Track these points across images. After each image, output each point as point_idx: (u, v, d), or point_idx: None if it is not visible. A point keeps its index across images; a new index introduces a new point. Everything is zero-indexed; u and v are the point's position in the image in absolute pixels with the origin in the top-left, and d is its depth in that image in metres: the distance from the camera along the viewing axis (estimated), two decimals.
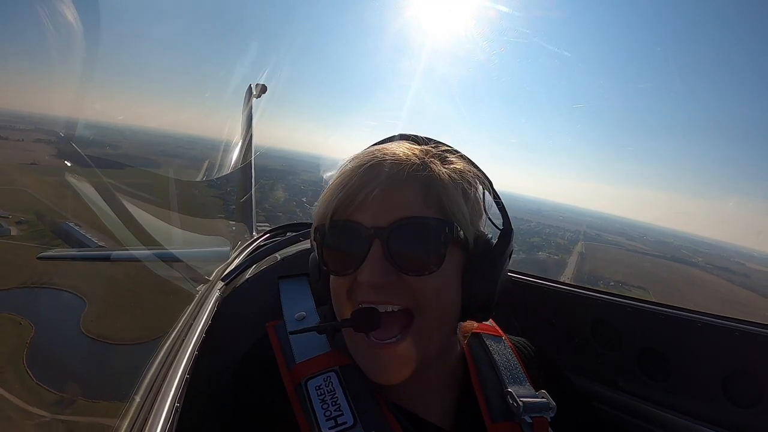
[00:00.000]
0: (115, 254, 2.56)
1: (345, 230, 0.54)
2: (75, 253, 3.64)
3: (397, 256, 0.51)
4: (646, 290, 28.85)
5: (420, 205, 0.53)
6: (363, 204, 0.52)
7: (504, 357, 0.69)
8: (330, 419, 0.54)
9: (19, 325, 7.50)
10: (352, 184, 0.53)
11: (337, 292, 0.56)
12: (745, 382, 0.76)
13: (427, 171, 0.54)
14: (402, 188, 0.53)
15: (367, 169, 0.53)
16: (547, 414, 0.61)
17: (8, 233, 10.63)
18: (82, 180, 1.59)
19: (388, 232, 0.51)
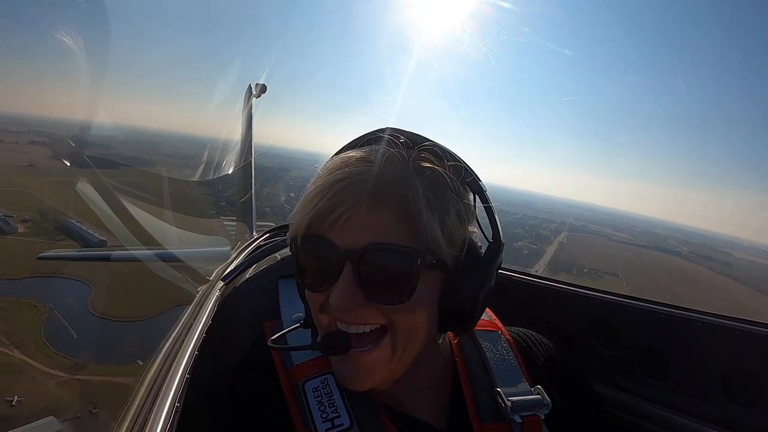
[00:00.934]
0: (116, 254, 2.57)
1: (318, 247, 0.51)
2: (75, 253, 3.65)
3: (367, 283, 0.50)
4: (619, 277, 28.95)
5: (394, 228, 0.50)
6: (335, 223, 0.49)
7: (498, 354, 0.68)
8: (327, 421, 0.54)
9: (35, 307, 8.81)
10: (326, 200, 0.50)
11: (312, 304, 0.56)
12: (746, 380, 0.76)
13: (404, 190, 0.50)
14: (376, 208, 0.49)
15: (342, 185, 0.50)
16: (541, 411, 0.60)
17: (16, 230, 11.64)
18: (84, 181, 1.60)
19: (359, 256, 0.49)
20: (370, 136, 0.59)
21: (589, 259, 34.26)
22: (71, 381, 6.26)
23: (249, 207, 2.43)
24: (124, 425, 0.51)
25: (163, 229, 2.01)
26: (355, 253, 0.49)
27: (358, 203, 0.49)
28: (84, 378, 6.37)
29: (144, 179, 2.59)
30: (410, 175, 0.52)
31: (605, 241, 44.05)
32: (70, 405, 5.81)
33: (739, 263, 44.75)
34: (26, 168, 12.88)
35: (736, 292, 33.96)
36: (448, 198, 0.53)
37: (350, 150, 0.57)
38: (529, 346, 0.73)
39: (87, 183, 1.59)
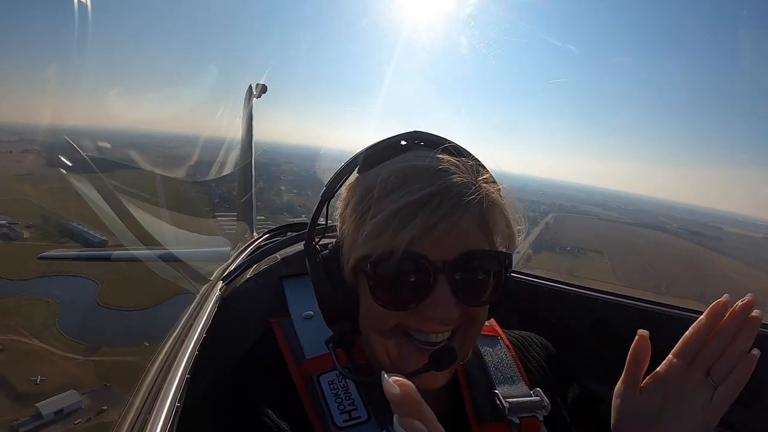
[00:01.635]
0: (116, 254, 2.59)
1: (409, 265, 0.51)
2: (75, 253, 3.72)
3: (462, 290, 0.51)
4: (602, 253, 29.29)
5: (478, 236, 0.53)
6: (433, 239, 0.50)
7: (497, 357, 0.69)
8: (344, 413, 0.54)
9: (47, 303, 9.72)
10: (427, 216, 0.49)
11: (385, 323, 0.54)
12: None
13: (485, 200, 0.53)
14: (465, 219, 0.51)
15: (440, 197, 0.50)
16: (539, 413, 0.61)
17: (21, 236, 12.23)
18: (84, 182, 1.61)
19: (453, 267, 0.51)
20: (409, 137, 0.59)
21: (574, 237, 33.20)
22: (86, 362, 7.25)
23: (249, 207, 2.44)
24: (125, 425, 0.52)
25: (163, 229, 2.03)
26: (449, 264, 0.50)
27: (453, 217, 0.50)
28: (97, 359, 7.43)
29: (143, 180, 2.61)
30: (484, 185, 0.54)
31: (593, 220, 44.06)
32: (86, 381, 6.72)
33: (729, 237, 45.17)
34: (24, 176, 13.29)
35: (721, 264, 34.12)
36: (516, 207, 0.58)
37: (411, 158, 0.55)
38: (528, 350, 0.74)
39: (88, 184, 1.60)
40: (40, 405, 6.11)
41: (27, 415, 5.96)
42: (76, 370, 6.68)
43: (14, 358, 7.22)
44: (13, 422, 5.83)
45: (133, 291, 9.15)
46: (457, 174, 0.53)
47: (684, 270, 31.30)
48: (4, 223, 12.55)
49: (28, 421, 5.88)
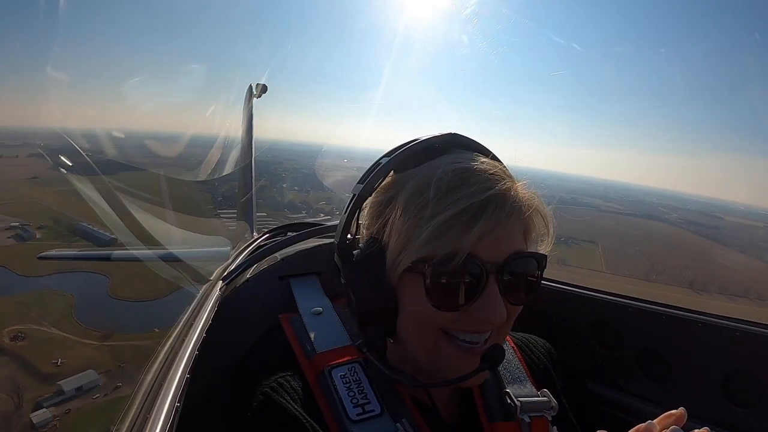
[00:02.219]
0: (116, 254, 2.64)
1: (466, 266, 0.51)
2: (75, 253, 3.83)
3: (510, 291, 0.54)
4: (596, 243, 29.73)
5: (519, 237, 0.55)
6: (488, 242, 0.52)
7: (504, 358, 0.68)
8: (357, 406, 0.54)
9: (63, 296, 10.41)
10: (487, 219, 0.51)
11: (431, 322, 0.54)
12: (745, 382, 0.76)
13: (526, 204, 0.55)
14: (513, 223, 0.54)
15: (499, 201, 0.52)
16: (548, 413, 0.61)
17: (34, 237, 12.75)
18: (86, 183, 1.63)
19: (502, 268, 0.53)
20: (443, 140, 0.60)
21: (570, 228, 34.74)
22: (101, 346, 8.09)
23: (249, 207, 2.45)
24: (125, 425, 0.52)
25: (163, 228, 2.05)
26: (499, 266, 0.52)
27: (509, 220, 0.52)
28: (111, 344, 8.21)
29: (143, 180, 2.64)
30: (525, 191, 0.57)
31: (592, 212, 43.27)
32: (102, 363, 7.54)
33: (729, 226, 45.11)
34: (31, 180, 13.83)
35: (716, 253, 34.08)
36: (546, 209, 0.60)
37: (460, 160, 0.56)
38: (531, 351, 0.74)
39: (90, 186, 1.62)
40: (62, 382, 6.96)
41: (50, 392, 6.86)
42: (93, 354, 7.55)
43: (36, 344, 7.98)
44: (38, 398, 6.69)
45: (142, 284, 9.39)
46: (507, 180, 0.55)
47: (677, 259, 31.14)
48: (18, 225, 13.08)
49: (51, 397, 6.77)
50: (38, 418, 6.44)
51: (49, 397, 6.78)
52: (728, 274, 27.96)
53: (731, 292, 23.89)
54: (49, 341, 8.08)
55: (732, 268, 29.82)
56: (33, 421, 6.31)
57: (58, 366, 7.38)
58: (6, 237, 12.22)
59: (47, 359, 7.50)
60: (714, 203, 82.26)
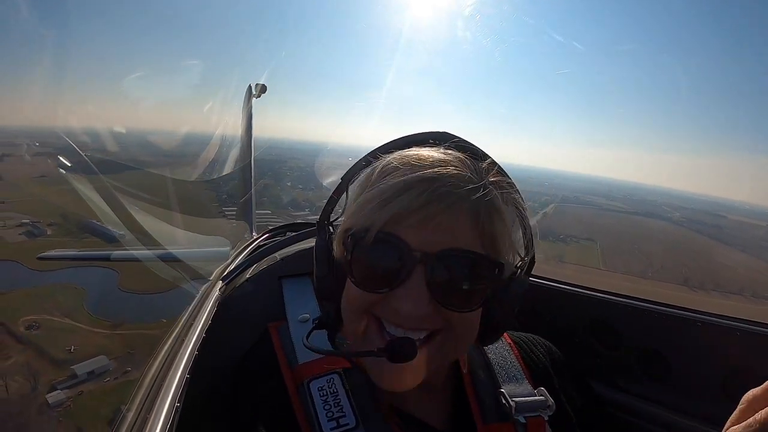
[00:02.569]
0: (116, 254, 2.69)
1: (388, 246, 0.48)
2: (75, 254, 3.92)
3: (438, 288, 0.48)
4: (594, 241, 30.01)
5: (470, 236, 0.49)
6: (416, 224, 0.47)
7: (500, 356, 0.68)
8: (332, 420, 0.54)
9: (75, 289, 10.99)
10: (411, 198, 0.47)
11: (357, 303, 0.53)
12: (745, 381, 0.75)
13: (486, 201, 0.49)
14: (457, 214, 0.48)
15: (427, 183, 0.47)
16: (544, 413, 0.61)
17: (45, 233, 13.31)
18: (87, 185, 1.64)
19: (434, 260, 0.47)
20: (428, 137, 0.57)
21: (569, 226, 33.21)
22: (112, 335, 8.68)
23: (249, 207, 2.46)
24: (125, 425, 0.52)
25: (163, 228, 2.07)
26: (431, 257, 0.47)
27: (443, 206, 0.48)
28: (121, 332, 8.75)
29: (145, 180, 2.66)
30: (489, 185, 0.51)
31: (594, 210, 43.92)
32: (113, 349, 8.04)
33: (731, 225, 45.51)
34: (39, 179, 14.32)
35: (715, 251, 34.55)
36: (522, 215, 0.54)
37: (420, 147, 0.54)
38: (531, 349, 0.73)
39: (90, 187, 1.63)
40: (75, 367, 7.53)
41: (64, 376, 7.37)
42: (104, 342, 8.05)
43: (49, 333, 8.45)
44: (53, 381, 7.25)
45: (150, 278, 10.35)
46: (457, 168, 0.50)
47: (675, 257, 31.37)
48: (28, 222, 13.49)
49: (65, 380, 7.30)
50: (53, 398, 7.03)
51: (63, 381, 7.31)
52: (726, 272, 28.18)
53: (726, 290, 24.11)
54: (61, 330, 8.67)
55: (730, 266, 30.22)
56: (48, 401, 6.86)
57: (71, 353, 8.01)
58: (17, 234, 12.76)
59: (60, 346, 8.11)
60: (719, 202, 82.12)
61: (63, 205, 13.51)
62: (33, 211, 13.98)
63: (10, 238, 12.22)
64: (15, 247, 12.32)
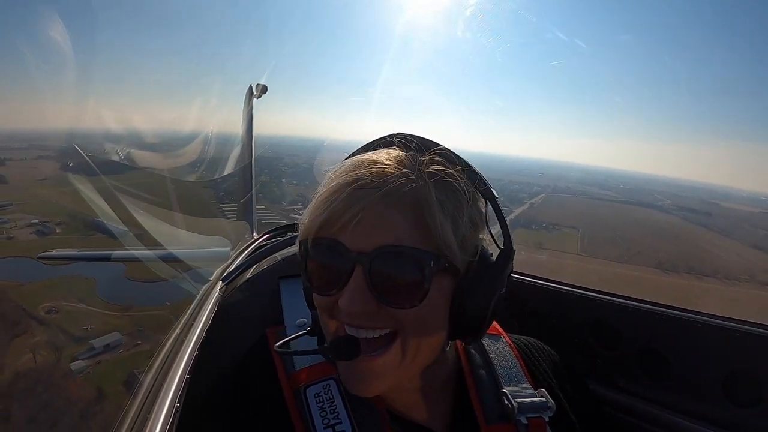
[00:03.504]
0: (116, 254, 2.71)
1: (328, 250, 0.51)
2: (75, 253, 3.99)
3: (378, 286, 0.49)
4: (577, 229, 30.38)
5: (406, 231, 0.49)
6: (347, 225, 0.49)
7: (502, 356, 0.68)
8: (328, 427, 0.54)
9: (86, 280, 12.09)
10: (338, 202, 0.50)
11: (320, 308, 0.55)
12: (746, 382, 0.76)
13: (417, 193, 0.50)
14: (388, 211, 0.49)
15: (355, 188, 0.50)
16: (545, 414, 0.61)
17: (54, 231, 14.30)
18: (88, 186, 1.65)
19: (370, 259, 0.48)
20: (380, 141, 0.59)
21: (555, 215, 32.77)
22: (122, 316, 9.96)
23: (249, 207, 2.46)
24: (124, 425, 0.52)
25: (164, 229, 2.07)
26: (366, 256, 0.48)
27: (370, 206, 0.49)
28: (131, 314, 10.03)
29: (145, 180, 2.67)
30: (422, 177, 0.51)
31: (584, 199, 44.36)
32: (124, 327, 9.31)
33: (723, 212, 45.93)
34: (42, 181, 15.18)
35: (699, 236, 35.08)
36: (461, 201, 0.53)
37: (362, 153, 0.56)
38: (531, 352, 0.73)
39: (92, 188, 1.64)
40: (93, 341, 8.92)
41: (84, 349, 8.80)
42: (116, 321, 9.28)
43: (68, 316, 9.67)
44: (75, 353, 8.67)
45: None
46: (384, 166, 0.51)
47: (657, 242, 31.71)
48: (37, 222, 14.33)
49: (84, 352, 8.72)
50: (75, 366, 8.34)
51: (83, 353, 8.69)
52: (705, 256, 28.72)
53: (700, 272, 24.86)
54: (78, 313, 9.88)
55: (710, 250, 30.78)
56: (72, 368, 8.12)
57: (87, 331, 9.35)
58: (28, 233, 13.84)
59: (78, 326, 9.46)
60: (716, 190, 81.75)
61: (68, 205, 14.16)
62: (40, 211, 14.67)
63: (22, 237, 13.33)
64: (27, 245, 13.34)
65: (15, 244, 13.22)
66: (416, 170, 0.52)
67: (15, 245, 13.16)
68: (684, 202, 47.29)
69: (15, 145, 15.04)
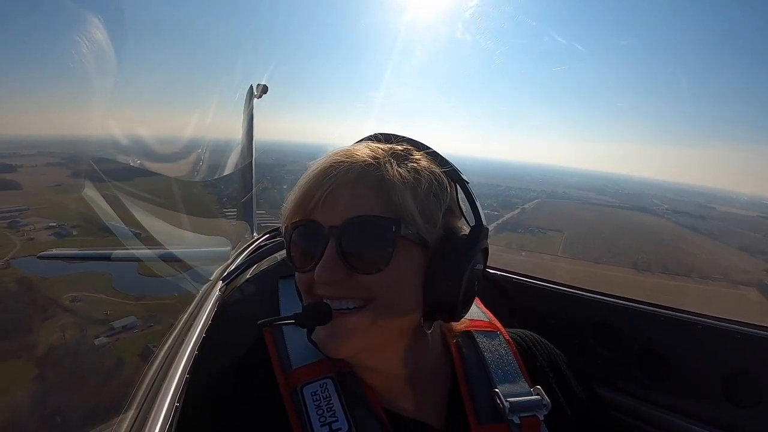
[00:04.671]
0: (116, 254, 2.69)
1: (305, 229, 0.56)
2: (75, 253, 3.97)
3: (347, 255, 0.53)
4: (562, 232, 31.54)
5: (371, 204, 0.54)
6: (318, 204, 0.54)
7: (497, 354, 0.67)
8: (325, 425, 0.55)
9: (102, 275, 13.53)
10: (309, 185, 0.55)
11: (301, 286, 0.59)
12: (745, 383, 0.76)
13: (379, 171, 0.55)
14: (354, 188, 0.54)
15: (322, 171, 0.56)
16: (540, 412, 0.60)
17: (71, 234, 15.30)
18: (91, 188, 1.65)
19: (340, 231, 0.53)
20: (367, 138, 0.63)
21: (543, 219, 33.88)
22: (137, 304, 11.38)
23: (250, 207, 2.45)
24: (124, 425, 0.53)
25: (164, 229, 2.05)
26: (336, 229, 0.53)
27: (338, 185, 0.54)
28: (144, 302, 11.42)
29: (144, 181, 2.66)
30: (385, 156, 0.57)
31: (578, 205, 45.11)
32: (139, 312, 10.88)
33: (717, 216, 46.61)
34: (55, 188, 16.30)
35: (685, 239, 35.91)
36: (421, 175, 0.57)
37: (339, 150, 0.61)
38: (529, 347, 0.72)
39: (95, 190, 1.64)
40: (112, 323, 10.56)
41: (105, 329, 10.47)
42: (131, 308, 10.85)
43: (89, 304, 11.39)
44: (96, 333, 10.27)
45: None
46: (356, 152, 0.57)
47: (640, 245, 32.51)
48: (55, 225, 15.46)
49: (105, 332, 10.45)
50: (98, 342, 10.00)
51: (104, 332, 10.36)
52: (684, 257, 29.52)
53: (673, 272, 25.93)
54: (97, 301, 11.58)
55: (692, 252, 31.73)
56: (95, 343, 9.70)
57: (107, 315, 11.05)
58: (47, 235, 15.18)
59: (99, 311, 11.22)
60: (717, 194, 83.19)
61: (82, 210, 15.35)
62: (56, 215, 15.84)
63: (42, 238, 14.71)
64: (47, 245, 14.76)
65: (36, 245, 14.48)
66: (386, 155, 0.57)
67: (36, 246, 14.46)
68: (680, 207, 48.05)
69: (24, 151, 16.01)
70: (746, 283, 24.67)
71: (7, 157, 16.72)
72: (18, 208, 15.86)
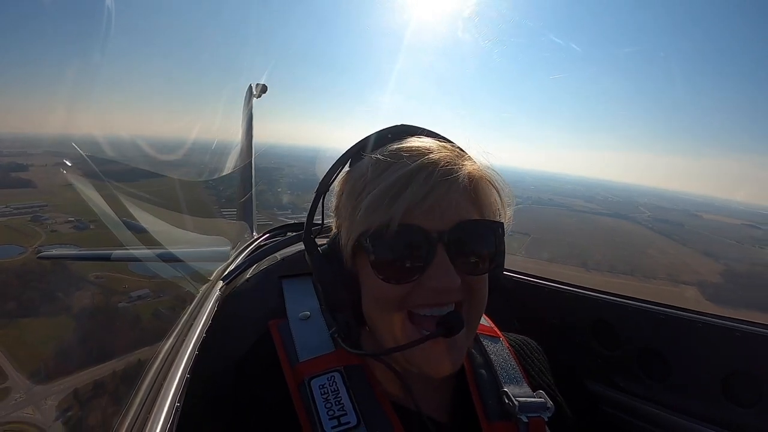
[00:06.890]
0: (116, 254, 2.65)
1: (408, 236, 0.52)
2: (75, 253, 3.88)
3: (460, 259, 0.53)
4: (528, 235, 32.70)
5: (470, 207, 0.55)
6: (424, 209, 0.52)
7: (501, 357, 0.69)
8: (333, 418, 0.54)
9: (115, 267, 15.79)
10: (419, 186, 0.52)
11: (388, 299, 0.54)
12: (745, 382, 0.76)
13: (468, 172, 0.55)
14: (453, 190, 0.54)
15: (427, 170, 0.53)
16: (544, 414, 0.61)
17: (89, 227, 16.75)
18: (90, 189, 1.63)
19: (448, 236, 0.52)
20: (395, 130, 0.62)
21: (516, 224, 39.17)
22: (150, 281, 13.24)
23: (249, 207, 2.43)
24: (125, 425, 0.52)
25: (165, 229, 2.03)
26: (446, 234, 0.52)
27: (442, 188, 0.52)
28: (155, 281, 13.21)
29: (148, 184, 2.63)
30: (468, 161, 0.57)
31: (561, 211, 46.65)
32: (151, 287, 12.77)
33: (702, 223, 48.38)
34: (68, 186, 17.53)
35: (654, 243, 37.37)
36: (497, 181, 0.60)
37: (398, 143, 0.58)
38: (526, 353, 0.74)
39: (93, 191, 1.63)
40: (130, 293, 12.77)
41: (125, 298, 12.65)
42: (145, 284, 12.89)
43: (110, 281, 13.58)
44: (118, 301, 12.59)
45: None
46: (441, 152, 0.56)
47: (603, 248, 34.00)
48: (73, 220, 17.23)
49: (125, 300, 12.66)
50: (120, 306, 12.64)
51: (124, 300, 12.78)
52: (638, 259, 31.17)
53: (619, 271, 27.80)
54: (117, 279, 13.72)
55: (652, 255, 33.49)
56: (118, 307, 12.51)
57: (125, 288, 13.30)
58: (68, 228, 17.03)
59: (120, 286, 13.43)
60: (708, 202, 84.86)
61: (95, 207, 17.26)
62: (73, 211, 17.23)
63: (64, 231, 16.66)
64: (69, 237, 16.55)
65: (60, 236, 16.33)
66: (462, 156, 0.58)
67: (60, 237, 16.28)
68: (664, 215, 49.33)
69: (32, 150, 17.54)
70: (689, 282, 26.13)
71: (17, 155, 18.15)
72: (38, 204, 17.57)
